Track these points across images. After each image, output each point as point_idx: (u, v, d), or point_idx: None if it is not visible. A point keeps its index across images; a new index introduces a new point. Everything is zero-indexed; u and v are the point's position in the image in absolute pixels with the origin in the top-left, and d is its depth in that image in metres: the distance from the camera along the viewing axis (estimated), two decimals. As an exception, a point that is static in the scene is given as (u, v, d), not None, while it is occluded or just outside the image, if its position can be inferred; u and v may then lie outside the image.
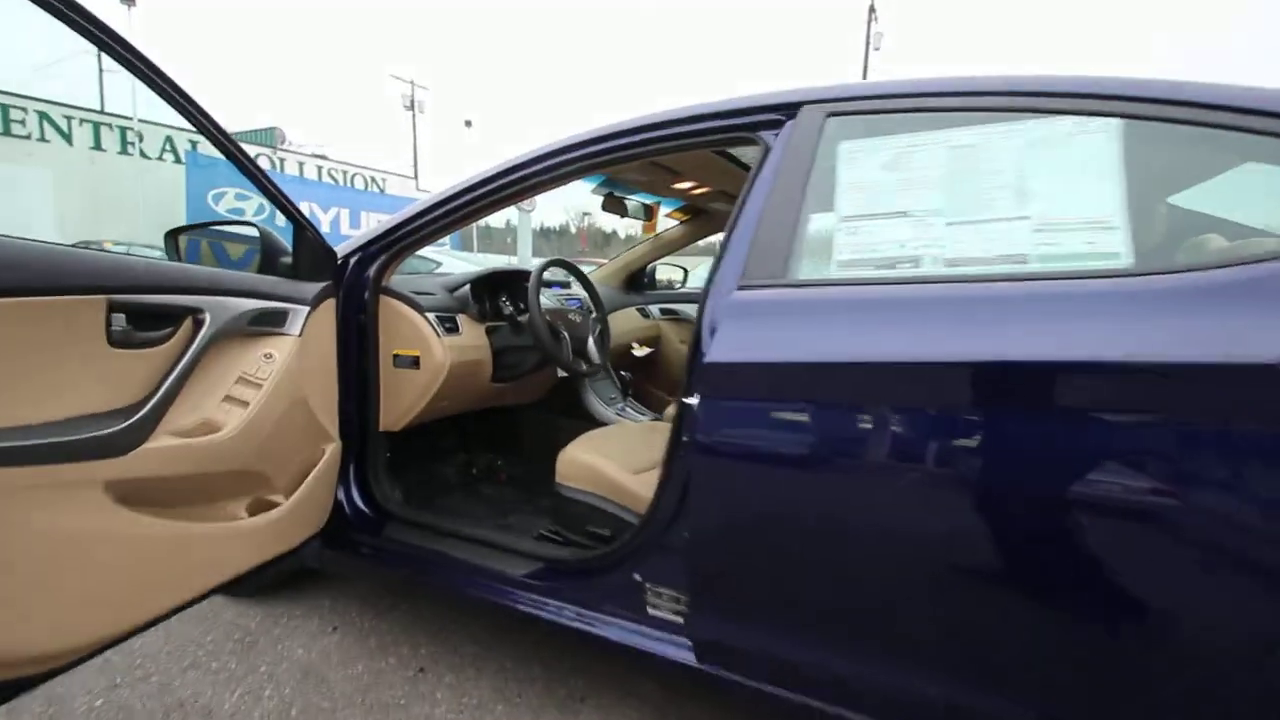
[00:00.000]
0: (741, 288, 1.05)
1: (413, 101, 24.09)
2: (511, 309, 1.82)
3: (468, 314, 1.76)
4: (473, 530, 1.48)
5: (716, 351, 1.02)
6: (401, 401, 1.60)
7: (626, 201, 2.10)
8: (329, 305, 1.38)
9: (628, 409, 2.20)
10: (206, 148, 10.52)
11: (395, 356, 1.58)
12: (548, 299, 2.14)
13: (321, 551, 1.54)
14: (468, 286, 1.79)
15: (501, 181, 1.39)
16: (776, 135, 1.14)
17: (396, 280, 1.62)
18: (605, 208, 2.07)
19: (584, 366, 1.83)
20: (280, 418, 1.19)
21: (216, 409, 1.10)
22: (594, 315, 2.01)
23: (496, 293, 1.89)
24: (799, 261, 1.05)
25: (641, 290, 2.82)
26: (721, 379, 1.02)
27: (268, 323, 1.19)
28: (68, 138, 12.35)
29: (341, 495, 1.54)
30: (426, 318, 1.59)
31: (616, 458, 1.47)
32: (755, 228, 1.08)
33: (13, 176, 11.39)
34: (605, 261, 2.87)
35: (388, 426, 1.61)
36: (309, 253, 1.35)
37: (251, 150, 12.66)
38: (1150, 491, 0.75)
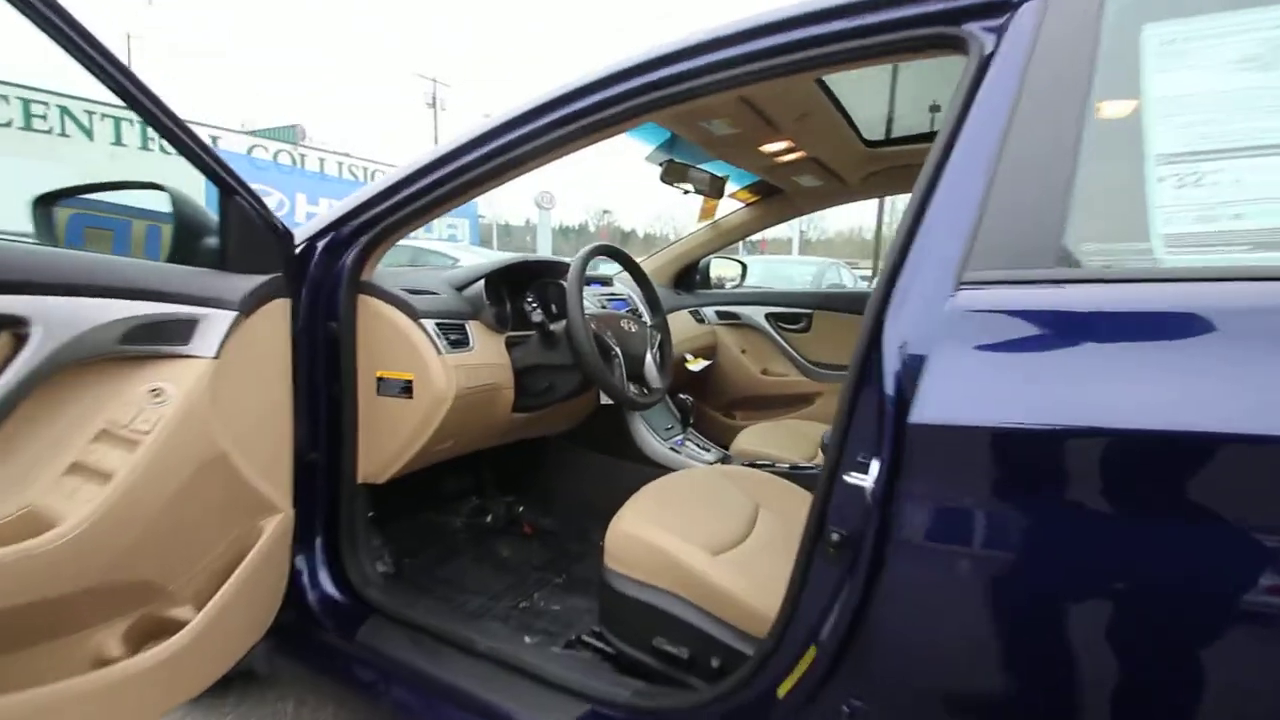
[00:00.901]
0: (969, 285, 0.58)
1: (434, 99, 23.94)
2: (542, 314, 1.36)
3: (481, 321, 1.30)
4: (483, 638, 1.02)
5: (932, 403, 0.55)
6: (388, 443, 1.15)
7: (691, 173, 1.63)
8: (274, 310, 0.93)
9: (688, 442, 1.74)
10: (226, 144, 10.37)
11: (379, 380, 1.13)
12: (588, 301, 1.68)
13: (271, 657, 1.10)
14: (481, 283, 1.34)
15: (537, 124, 0.92)
16: (1003, 28, 0.66)
17: (383, 274, 1.17)
18: (665, 179, 1.60)
19: (643, 395, 1.37)
20: (177, 491, 0.74)
21: (52, 489, 0.65)
22: (651, 323, 1.54)
23: (520, 292, 1.43)
24: (1080, 237, 0.57)
25: (692, 289, 2.35)
26: (944, 455, 0.55)
27: (156, 339, 0.74)
28: (89, 133, 12.21)
29: (305, 577, 1.09)
30: (423, 326, 1.14)
31: (691, 533, 1.00)
32: (987, 182, 0.61)
33: (35, 172, 11.26)
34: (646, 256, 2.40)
35: (369, 477, 1.16)
36: (245, 232, 0.90)
37: (273, 148, 12.46)
38: None
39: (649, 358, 1.37)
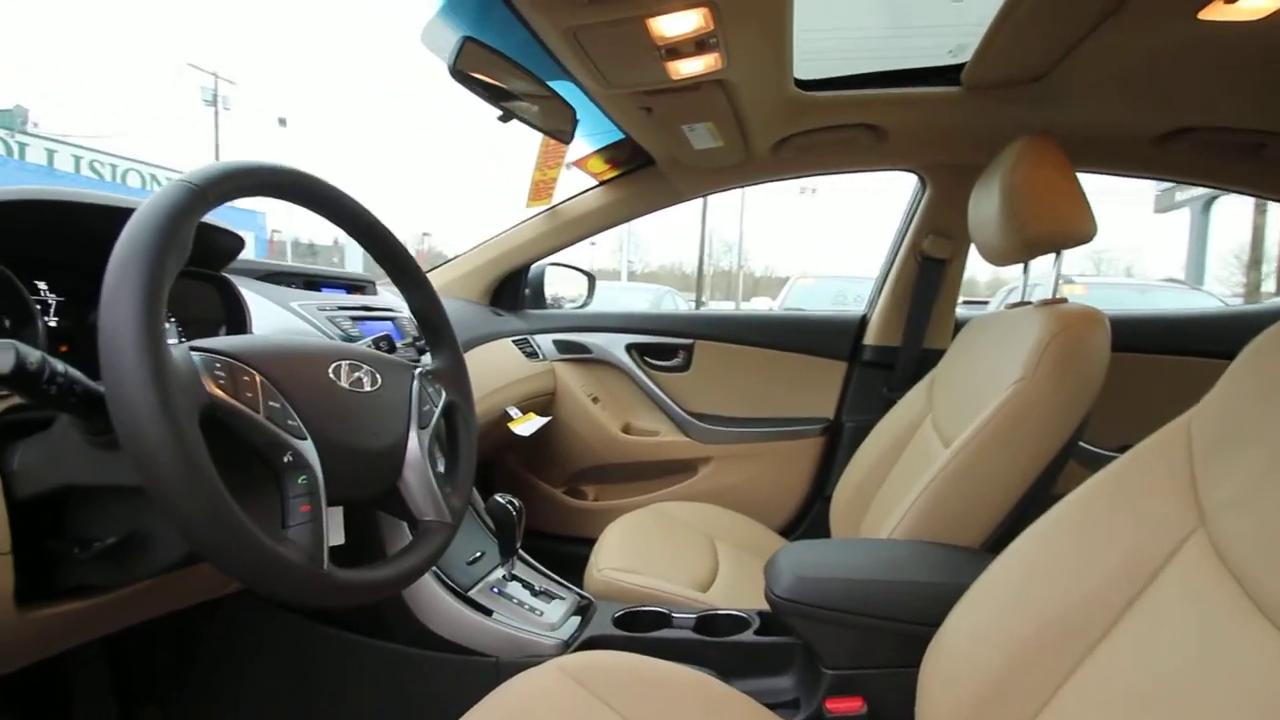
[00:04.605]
0: None
1: (215, 96, 20.74)
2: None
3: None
4: None
5: None
6: None
7: (507, 73, 0.88)
8: None
9: (515, 585, 0.93)
10: None
11: None
12: (309, 315, 0.87)
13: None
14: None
15: None
16: None
17: None
18: (457, 74, 0.81)
19: (389, 561, 0.56)
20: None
21: None
22: (431, 366, 0.72)
23: (33, 271, 0.58)
24: None
25: (519, 307, 1.59)
26: None
27: None
28: None
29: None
30: None
31: None
32: None
33: None
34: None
35: None
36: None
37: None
38: None
39: (415, 446, 0.58)
